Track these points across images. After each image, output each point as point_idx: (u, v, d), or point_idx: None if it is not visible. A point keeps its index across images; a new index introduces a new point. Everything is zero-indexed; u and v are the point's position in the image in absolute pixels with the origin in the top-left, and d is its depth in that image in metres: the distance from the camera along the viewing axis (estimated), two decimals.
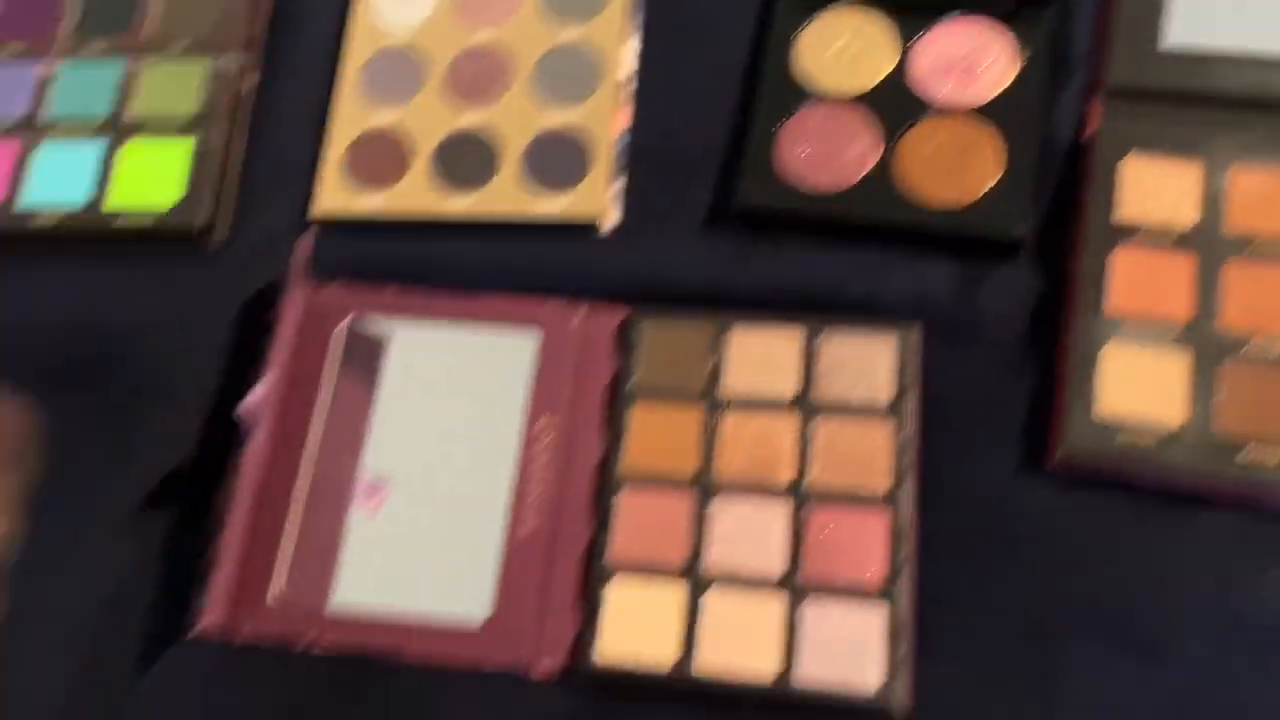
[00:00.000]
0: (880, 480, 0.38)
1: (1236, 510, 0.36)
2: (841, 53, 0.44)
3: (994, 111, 0.42)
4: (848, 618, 0.36)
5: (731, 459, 0.39)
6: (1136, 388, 0.37)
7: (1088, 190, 0.40)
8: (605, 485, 0.39)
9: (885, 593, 0.36)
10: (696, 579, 0.38)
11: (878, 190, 0.42)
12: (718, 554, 0.38)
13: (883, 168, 0.42)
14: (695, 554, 0.38)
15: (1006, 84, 0.43)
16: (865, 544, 0.37)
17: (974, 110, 0.42)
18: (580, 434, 0.40)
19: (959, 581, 0.37)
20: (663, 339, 0.41)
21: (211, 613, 0.38)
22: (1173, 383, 0.37)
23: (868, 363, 0.39)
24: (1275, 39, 0.40)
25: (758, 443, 0.39)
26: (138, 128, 0.46)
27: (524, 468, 0.40)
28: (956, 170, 0.41)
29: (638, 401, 0.40)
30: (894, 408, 0.39)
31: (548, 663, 0.37)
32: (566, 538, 0.39)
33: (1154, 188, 0.40)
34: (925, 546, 0.37)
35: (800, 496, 0.38)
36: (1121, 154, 0.40)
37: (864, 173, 0.42)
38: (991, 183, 0.41)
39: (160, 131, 0.46)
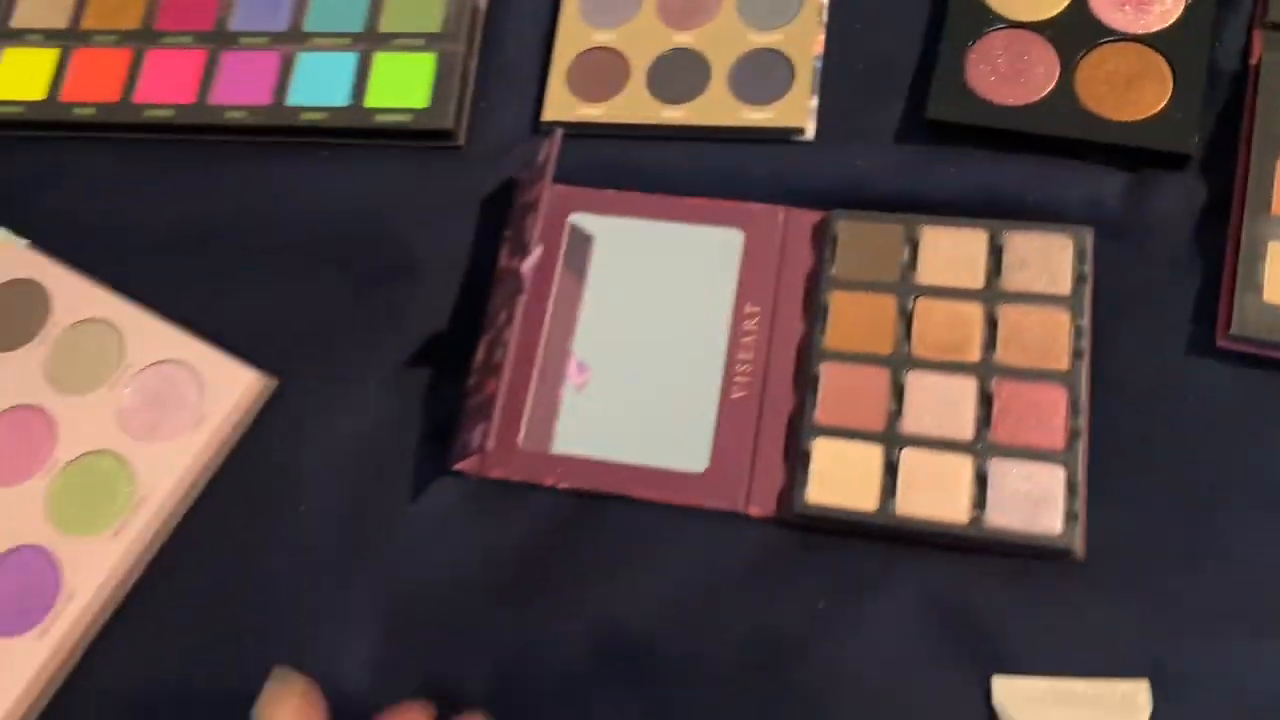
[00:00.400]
0: (1060, 360, 0.43)
1: None
2: None
3: (1164, 40, 0.47)
4: (1031, 474, 0.42)
5: (924, 340, 0.44)
6: None
7: (1255, 106, 0.45)
8: (808, 360, 0.45)
9: (1064, 455, 0.42)
10: (894, 440, 0.43)
11: (1058, 106, 0.47)
12: (913, 421, 0.43)
13: (1062, 86, 0.47)
14: (892, 420, 0.43)
15: (1177, 15, 0.47)
16: (1046, 413, 0.42)
17: (1146, 37, 0.47)
18: (783, 319, 0.46)
19: (1133, 449, 0.42)
20: (858, 236, 0.46)
21: (472, 452, 0.44)
22: None
23: (1047, 258, 0.45)
24: None
25: (948, 326, 0.45)
26: (387, 39, 0.52)
27: (732, 346, 0.45)
28: (1130, 90, 0.46)
29: (836, 291, 0.46)
30: (1072, 298, 0.44)
31: (758, 509, 0.43)
32: (774, 403, 0.45)
33: None
34: (1100, 417, 0.42)
35: (987, 371, 0.43)
36: None
37: (1045, 91, 0.47)
38: (1162, 103, 0.46)
39: (407, 46, 0.52)
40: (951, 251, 0.46)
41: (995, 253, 0.45)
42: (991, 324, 0.44)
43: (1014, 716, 0.39)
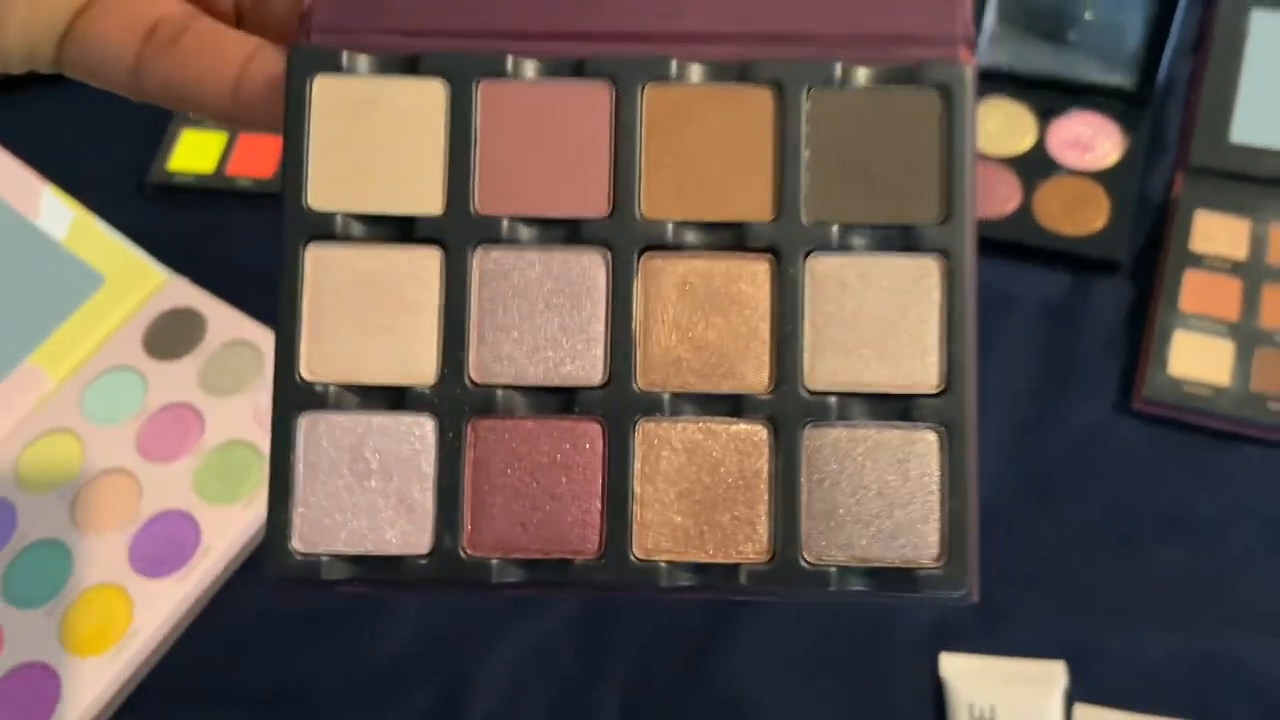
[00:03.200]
0: None
1: (1264, 444, 0.52)
2: (996, 130, 0.62)
3: (1105, 176, 0.60)
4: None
5: None
6: (1197, 359, 0.53)
7: (1171, 231, 0.57)
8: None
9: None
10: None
11: (1020, 221, 0.59)
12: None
13: (1024, 206, 0.60)
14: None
15: (1115, 158, 0.60)
16: None
17: (1091, 173, 0.60)
18: None
19: (1066, 485, 0.52)
20: None
21: None
22: (1222, 357, 0.53)
23: None
24: None
25: None
26: None
27: None
28: (1077, 212, 0.59)
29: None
30: None
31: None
32: None
33: (1216, 233, 0.56)
34: (1041, 460, 0.53)
35: None
36: (1196, 209, 0.57)
37: (1010, 209, 0.60)
38: (1101, 223, 0.58)
39: None
40: None
41: None
42: None
43: (957, 687, 0.49)
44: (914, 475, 0.26)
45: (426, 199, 0.26)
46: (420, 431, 0.26)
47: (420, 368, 0.26)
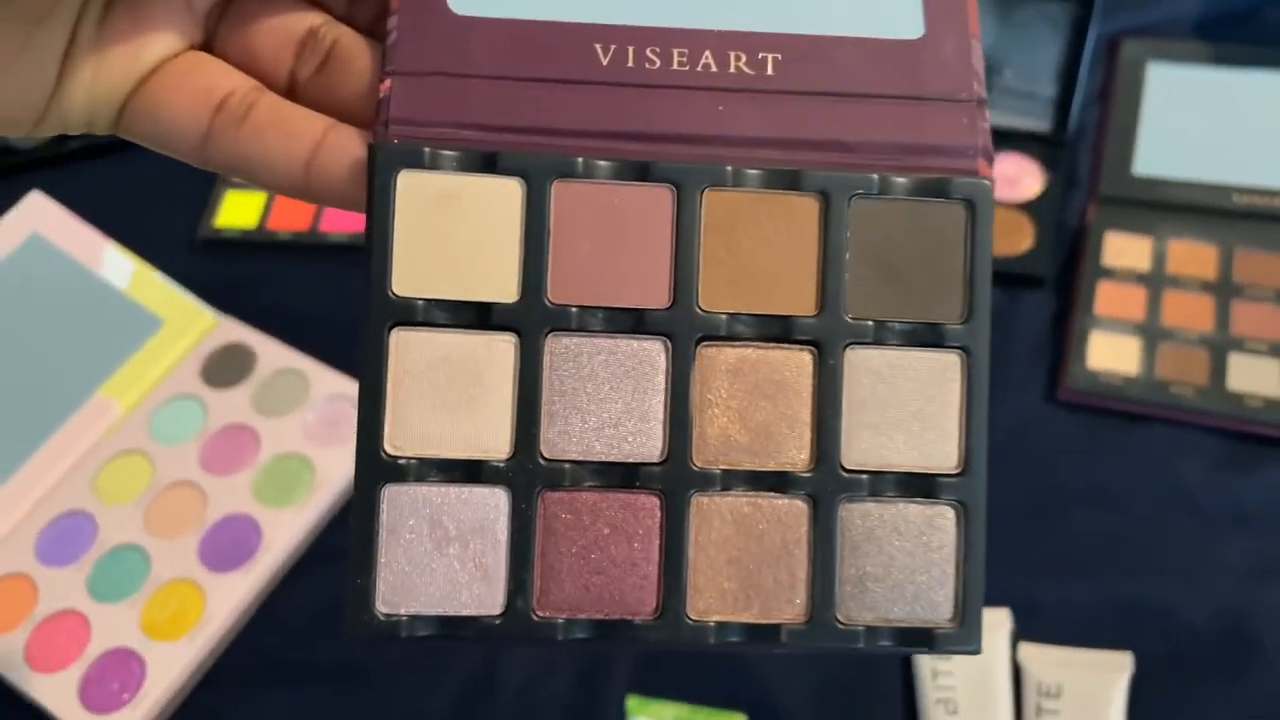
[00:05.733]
0: None
1: (1169, 423, 0.61)
2: None
3: (1029, 207, 0.70)
4: None
5: None
6: (1111, 354, 0.63)
7: (1085, 250, 0.67)
8: None
9: None
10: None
11: None
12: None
13: None
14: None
15: (1037, 191, 0.70)
16: None
17: (1018, 204, 0.70)
18: None
19: (998, 467, 0.62)
20: None
21: None
22: (1131, 352, 0.63)
23: None
24: (1199, 171, 0.68)
25: None
26: None
27: None
28: (1008, 237, 0.69)
29: None
30: None
31: None
32: None
33: (1123, 250, 0.67)
34: None
35: None
36: (1106, 231, 0.67)
37: None
38: (1028, 246, 0.68)
39: None
40: None
41: None
42: None
43: None
44: (934, 546, 0.28)
45: (503, 288, 0.28)
46: (495, 502, 0.28)
47: (495, 443, 0.28)
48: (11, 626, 0.60)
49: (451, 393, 0.28)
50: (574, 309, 0.28)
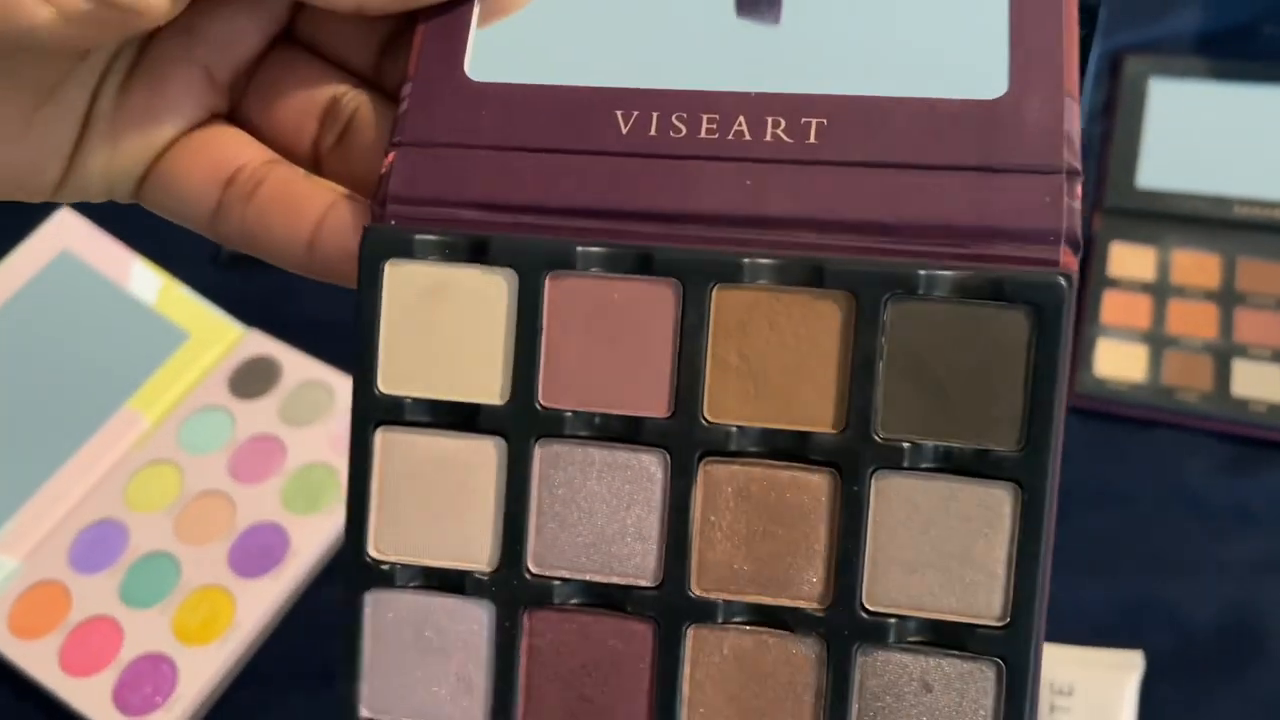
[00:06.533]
0: None
1: (1175, 428, 0.63)
2: None
3: None
4: None
5: None
6: (1117, 362, 0.64)
7: (1091, 260, 0.69)
8: None
9: None
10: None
11: None
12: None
13: None
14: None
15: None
16: None
17: None
18: None
19: None
20: None
21: None
22: (1137, 359, 0.64)
23: None
24: (1201, 183, 0.70)
25: None
26: None
27: None
28: None
29: None
30: None
31: None
32: None
33: (1128, 260, 0.68)
34: None
35: None
36: (1111, 241, 0.69)
37: None
38: None
39: None
40: None
41: None
42: None
43: None
44: (968, 709, 0.24)
45: (490, 389, 0.26)
46: (478, 616, 0.26)
47: (480, 553, 0.26)
48: (46, 632, 0.61)
49: (436, 498, 0.26)
50: (567, 414, 0.26)
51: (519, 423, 0.26)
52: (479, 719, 0.26)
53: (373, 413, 0.26)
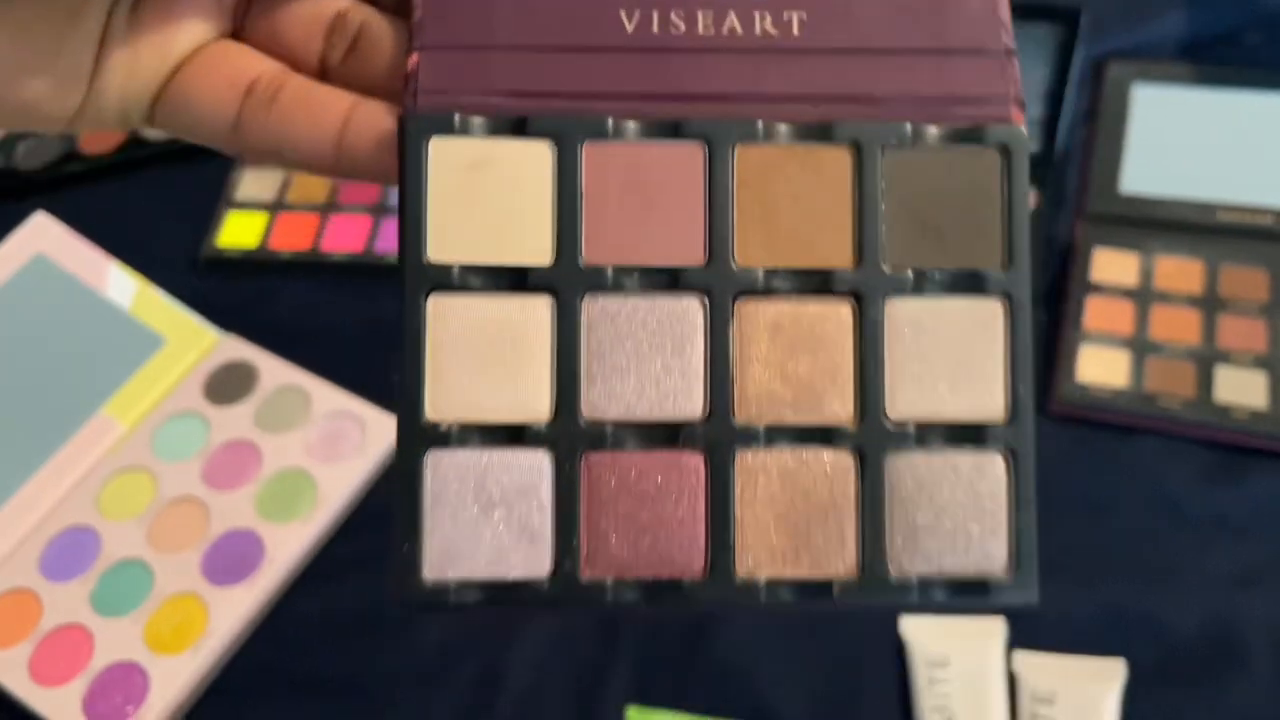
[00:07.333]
0: None
1: (1157, 434, 0.62)
2: None
3: None
4: None
5: None
6: (1100, 368, 0.64)
7: (1074, 266, 0.68)
8: None
9: None
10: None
11: None
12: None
13: None
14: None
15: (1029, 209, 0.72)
16: None
17: None
18: None
19: None
20: None
21: None
22: (1120, 365, 0.64)
23: None
24: (1184, 188, 0.69)
25: None
26: None
27: None
28: None
29: None
30: None
31: None
32: None
33: (1111, 266, 0.68)
34: None
35: None
36: (1093, 247, 0.69)
37: None
38: None
39: None
40: None
41: None
42: None
43: (916, 643, 0.58)
44: (984, 495, 0.28)
45: (537, 251, 0.28)
46: (538, 465, 0.28)
47: (536, 406, 0.28)
48: (16, 640, 0.60)
49: (490, 358, 0.28)
50: (609, 269, 0.28)
51: (566, 280, 0.28)
52: (545, 564, 0.27)
53: (423, 281, 0.27)
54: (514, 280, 0.28)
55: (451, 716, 0.58)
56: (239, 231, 0.78)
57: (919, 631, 0.58)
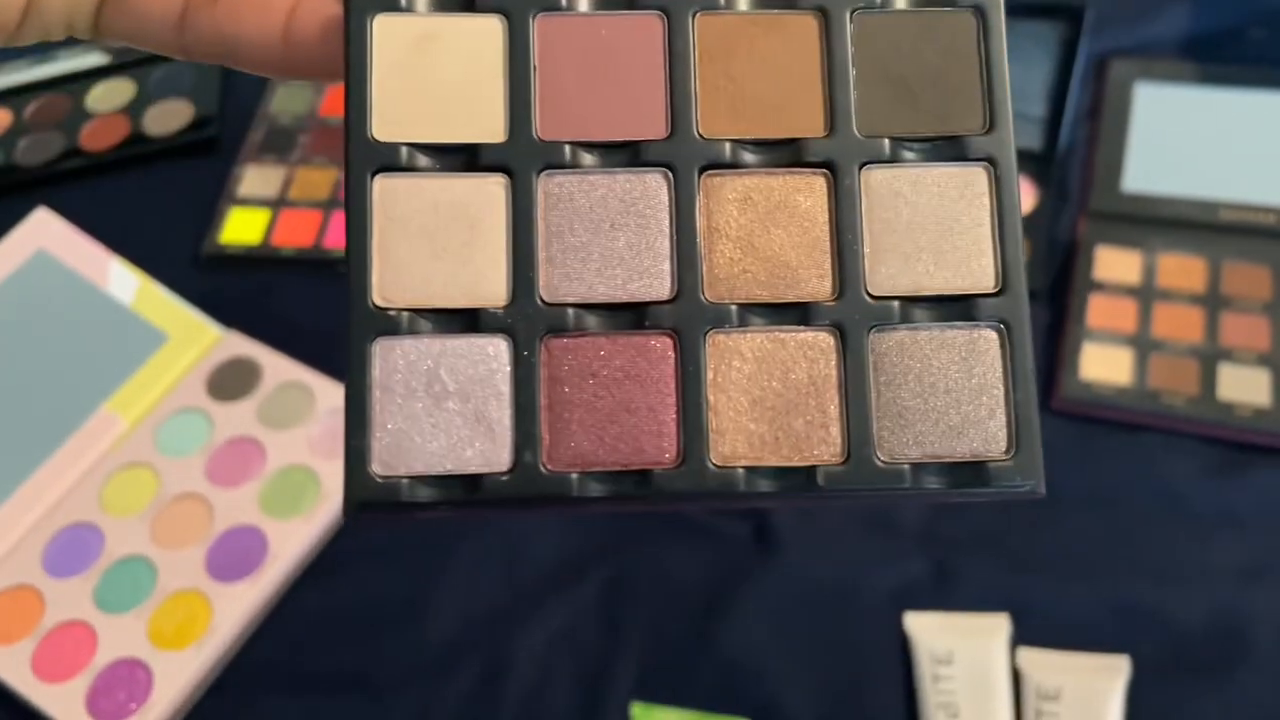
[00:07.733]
0: None
1: (1161, 431, 0.63)
2: None
3: (1022, 222, 0.71)
4: None
5: None
6: (1103, 365, 0.64)
7: (1077, 264, 0.68)
8: None
9: None
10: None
11: None
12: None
13: None
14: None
15: (1031, 207, 0.72)
16: None
17: None
18: None
19: None
20: None
21: None
22: (1123, 363, 0.64)
23: None
24: (1187, 187, 0.70)
25: None
26: None
27: None
28: None
29: None
30: None
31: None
32: None
33: (1114, 264, 0.68)
34: None
35: None
36: (1096, 245, 0.69)
37: None
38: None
39: None
40: None
41: None
42: None
43: (920, 639, 0.58)
44: (978, 372, 0.26)
45: (489, 128, 0.26)
46: (495, 352, 0.26)
47: (492, 290, 0.26)
48: (19, 637, 0.60)
49: (442, 240, 0.26)
50: (566, 145, 0.26)
51: (520, 158, 0.26)
52: (504, 457, 0.26)
53: (368, 161, 0.26)
54: (465, 159, 0.26)
55: (455, 712, 0.58)
56: (242, 228, 0.78)
57: (924, 627, 0.58)
